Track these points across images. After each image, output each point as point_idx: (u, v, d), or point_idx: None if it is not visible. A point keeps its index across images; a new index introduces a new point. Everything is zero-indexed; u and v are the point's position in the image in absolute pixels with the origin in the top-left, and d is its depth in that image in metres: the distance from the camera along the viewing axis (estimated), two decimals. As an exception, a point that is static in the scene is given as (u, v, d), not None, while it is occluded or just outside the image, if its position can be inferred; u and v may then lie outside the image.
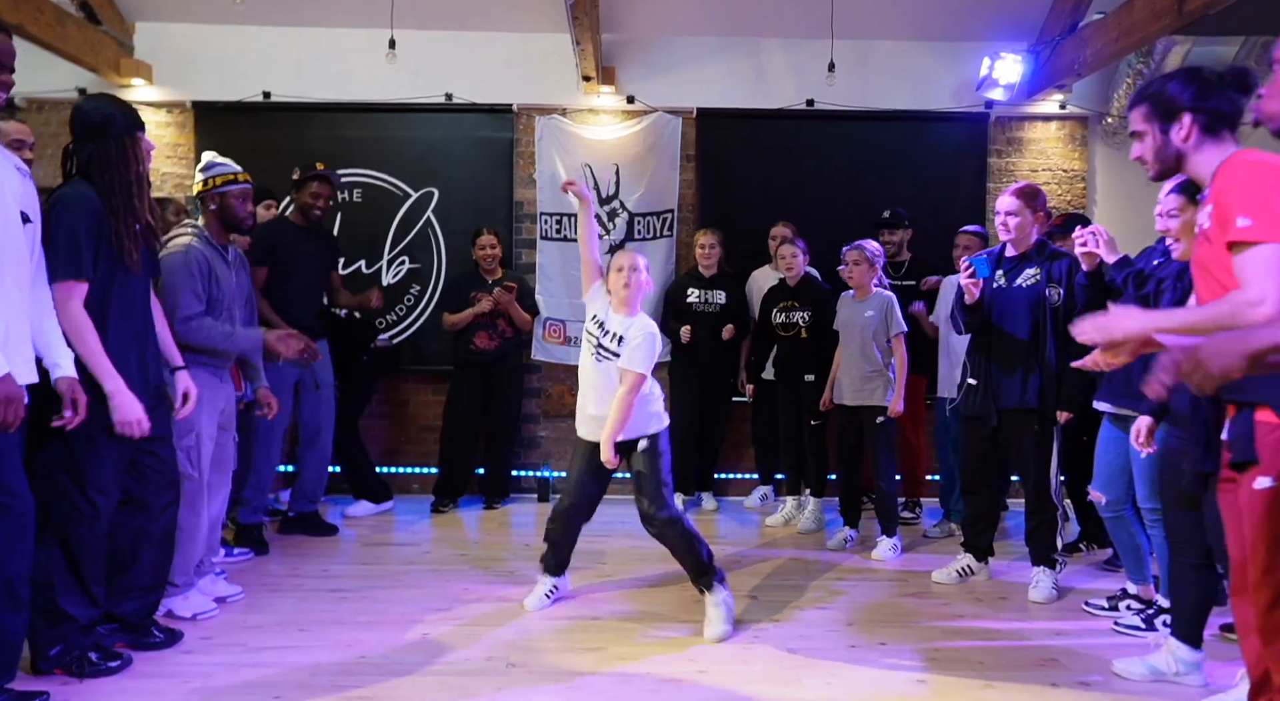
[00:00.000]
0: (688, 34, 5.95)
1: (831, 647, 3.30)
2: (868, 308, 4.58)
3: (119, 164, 2.86)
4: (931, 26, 5.86)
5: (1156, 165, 2.27)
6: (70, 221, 2.75)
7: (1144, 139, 2.26)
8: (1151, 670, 2.99)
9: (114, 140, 2.86)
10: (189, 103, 5.89)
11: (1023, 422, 3.85)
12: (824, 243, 5.25)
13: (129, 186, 2.87)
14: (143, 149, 2.95)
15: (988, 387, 3.89)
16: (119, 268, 2.86)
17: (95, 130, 2.86)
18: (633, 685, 2.95)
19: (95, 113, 2.89)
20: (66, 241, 2.74)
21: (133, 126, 2.93)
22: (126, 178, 2.87)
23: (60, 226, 2.74)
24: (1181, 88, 2.20)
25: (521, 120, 5.99)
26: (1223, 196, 2.04)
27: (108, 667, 2.90)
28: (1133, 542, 3.61)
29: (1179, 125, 2.19)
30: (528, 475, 6.00)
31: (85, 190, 2.81)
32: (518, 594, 3.85)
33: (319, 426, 4.81)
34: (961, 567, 4.06)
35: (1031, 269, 3.84)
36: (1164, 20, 4.45)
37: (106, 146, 2.86)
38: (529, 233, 5.98)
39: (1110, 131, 5.99)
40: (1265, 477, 2.01)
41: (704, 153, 6.00)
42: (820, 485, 5.05)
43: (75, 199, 2.78)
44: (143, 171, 2.93)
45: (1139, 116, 2.26)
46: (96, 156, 2.85)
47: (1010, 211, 3.85)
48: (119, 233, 2.83)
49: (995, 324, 3.89)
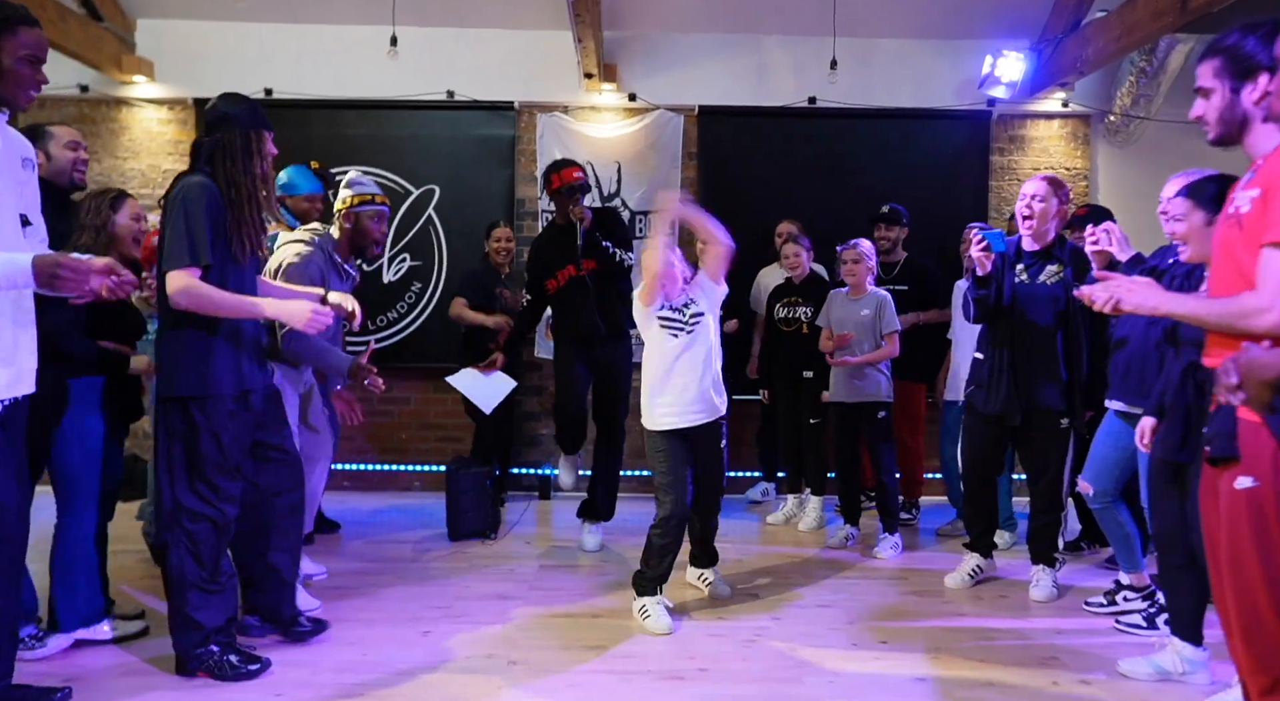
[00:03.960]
0: (690, 31, 5.95)
1: (833, 645, 3.30)
2: (864, 306, 4.58)
3: (241, 157, 2.90)
4: (934, 24, 5.85)
5: (1219, 127, 2.10)
6: (186, 211, 2.80)
7: (1210, 96, 2.08)
8: (1157, 669, 2.99)
9: (237, 134, 2.90)
10: (190, 100, 5.89)
11: (1047, 422, 3.81)
12: (825, 240, 5.23)
13: (249, 180, 2.90)
14: (266, 147, 2.97)
15: (1012, 387, 3.81)
16: (230, 260, 2.89)
17: (219, 124, 2.93)
18: (634, 683, 2.95)
19: (222, 107, 2.95)
20: (183, 231, 2.79)
21: (257, 124, 2.96)
22: (250, 171, 2.91)
23: (177, 216, 2.81)
24: (1261, 45, 2.00)
25: (523, 118, 5.99)
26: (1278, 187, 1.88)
27: (248, 671, 2.92)
28: (1122, 532, 3.61)
29: (1253, 85, 2.01)
30: (529, 472, 6.00)
31: (205, 181, 2.86)
32: (518, 591, 3.85)
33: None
34: (972, 569, 4.04)
35: (1053, 266, 3.79)
36: (1167, 18, 4.44)
37: (230, 140, 2.90)
38: (530, 230, 5.97)
39: (1113, 130, 5.98)
40: (1246, 477, 1.92)
41: (705, 150, 5.99)
42: (820, 483, 5.05)
43: (193, 188, 2.83)
44: (265, 169, 2.96)
45: (1209, 71, 2.07)
46: (219, 149, 2.90)
47: (1037, 194, 3.76)
48: (236, 224, 2.87)
49: (1018, 321, 3.80)
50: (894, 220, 5.20)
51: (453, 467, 4.82)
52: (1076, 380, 3.80)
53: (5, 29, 2.28)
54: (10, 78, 2.29)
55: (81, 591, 3.12)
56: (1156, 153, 5.66)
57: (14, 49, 2.28)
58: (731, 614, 3.64)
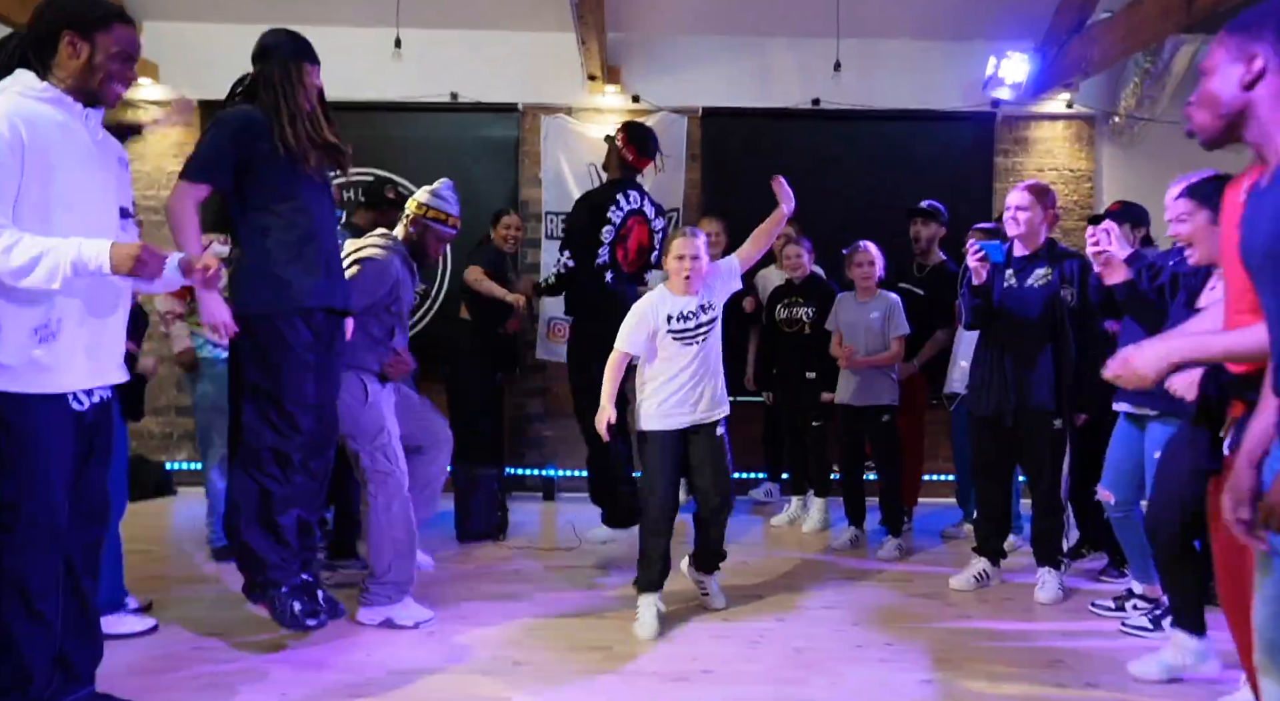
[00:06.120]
0: (693, 33, 5.95)
1: (838, 647, 3.29)
2: (873, 309, 4.58)
3: (283, 84, 2.97)
4: (938, 25, 5.85)
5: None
6: (213, 134, 2.95)
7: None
8: (1165, 666, 2.97)
9: (278, 65, 2.98)
10: (195, 102, 5.90)
11: (1038, 424, 3.82)
12: (829, 243, 5.22)
13: (292, 107, 2.97)
14: (309, 78, 3.03)
15: (1002, 388, 3.85)
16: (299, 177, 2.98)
17: (261, 56, 3.01)
18: (638, 684, 2.94)
19: (265, 40, 3.04)
20: (201, 149, 2.93)
21: (299, 54, 3.03)
22: (293, 99, 2.97)
23: (203, 137, 2.99)
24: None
25: (527, 119, 6.00)
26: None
27: (306, 625, 2.98)
28: (1139, 541, 3.59)
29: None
30: (532, 474, 6.00)
31: (243, 108, 2.97)
32: (523, 592, 3.85)
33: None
34: (978, 573, 4.03)
35: (1042, 269, 3.81)
36: (1173, 18, 4.44)
37: (270, 70, 2.98)
38: (534, 232, 5.97)
39: (1117, 131, 5.97)
40: None
41: (709, 152, 5.99)
42: (823, 485, 5.04)
43: (228, 116, 2.96)
44: (310, 97, 3.03)
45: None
46: (262, 78, 2.99)
47: (1021, 206, 3.82)
48: (295, 142, 2.94)
49: (1007, 324, 3.85)
50: (930, 217, 5.05)
51: (459, 469, 4.81)
52: (1066, 381, 3.81)
53: (102, 25, 2.30)
54: (103, 73, 2.31)
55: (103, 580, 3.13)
56: (1161, 154, 5.66)
57: (108, 45, 2.30)
58: (736, 615, 3.64)
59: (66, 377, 2.30)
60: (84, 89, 2.31)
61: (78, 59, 2.28)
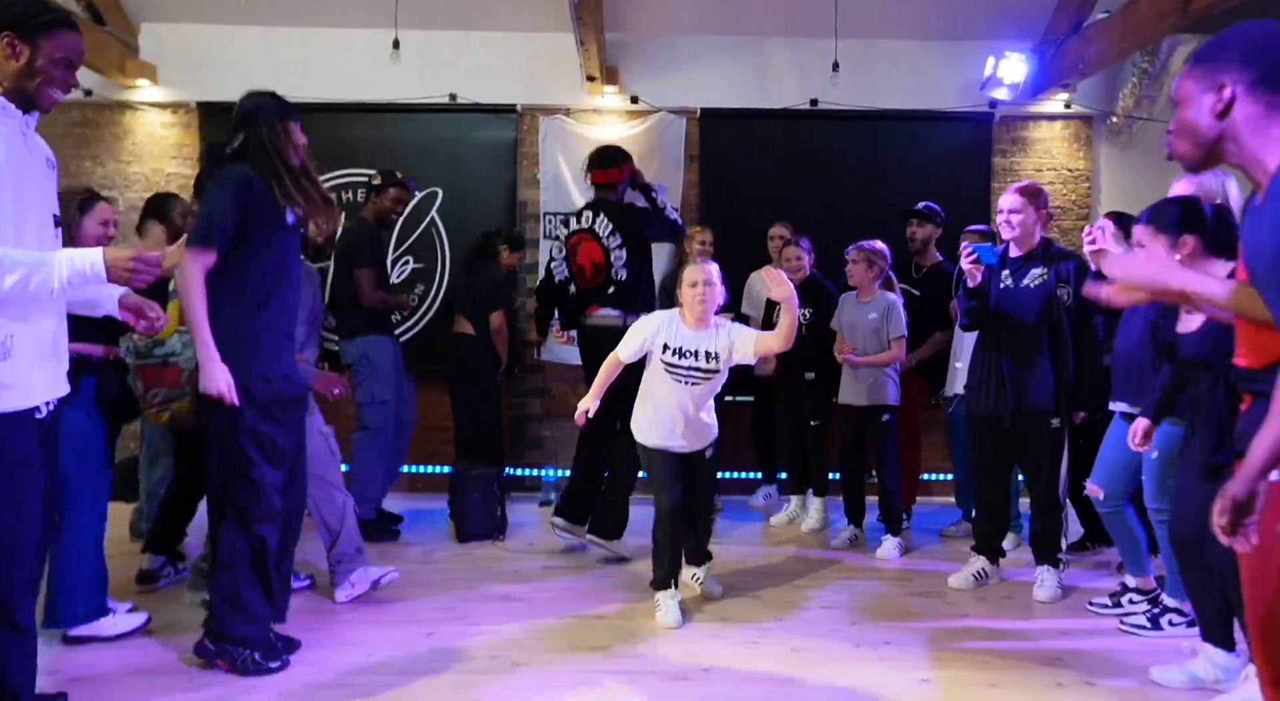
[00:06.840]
0: (692, 33, 5.95)
1: (836, 646, 3.30)
2: (871, 309, 4.59)
3: (273, 145, 3.01)
4: (936, 26, 5.86)
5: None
6: (212, 199, 2.97)
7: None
8: (1191, 677, 2.92)
9: (265, 126, 3.02)
10: (193, 103, 5.90)
11: (1036, 423, 3.83)
12: (828, 243, 5.22)
13: (283, 167, 3.01)
14: (295, 136, 3.07)
15: (1000, 388, 3.86)
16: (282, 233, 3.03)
17: (246, 118, 3.05)
18: (638, 683, 2.95)
19: (246, 104, 3.08)
20: (203, 216, 2.95)
21: (283, 115, 3.06)
22: (284, 158, 3.01)
23: (204, 204, 3.03)
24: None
25: (525, 120, 6.00)
26: None
27: (268, 667, 2.95)
28: (1130, 535, 3.61)
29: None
30: (531, 474, 6.00)
31: (238, 169, 2.99)
32: (522, 593, 3.85)
33: None
34: (976, 571, 4.04)
35: (1038, 269, 3.83)
36: (1170, 19, 4.44)
37: (259, 132, 3.02)
38: (533, 233, 5.98)
39: (1115, 131, 5.98)
40: (1275, 470, 1.91)
41: (707, 152, 6.00)
42: (822, 484, 5.04)
43: (225, 178, 2.98)
44: (299, 155, 3.07)
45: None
46: (252, 141, 3.02)
47: (1013, 209, 3.84)
48: (301, 201, 3.01)
49: (1004, 325, 3.86)
50: (925, 218, 5.08)
51: (459, 470, 4.82)
52: (1064, 381, 3.82)
53: (46, 29, 2.30)
54: (42, 77, 2.30)
55: (81, 591, 3.14)
56: (1159, 154, 5.61)
57: (51, 50, 2.30)
58: (735, 615, 3.64)
59: (32, 392, 2.31)
60: (20, 92, 2.29)
61: (16, 61, 2.26)
